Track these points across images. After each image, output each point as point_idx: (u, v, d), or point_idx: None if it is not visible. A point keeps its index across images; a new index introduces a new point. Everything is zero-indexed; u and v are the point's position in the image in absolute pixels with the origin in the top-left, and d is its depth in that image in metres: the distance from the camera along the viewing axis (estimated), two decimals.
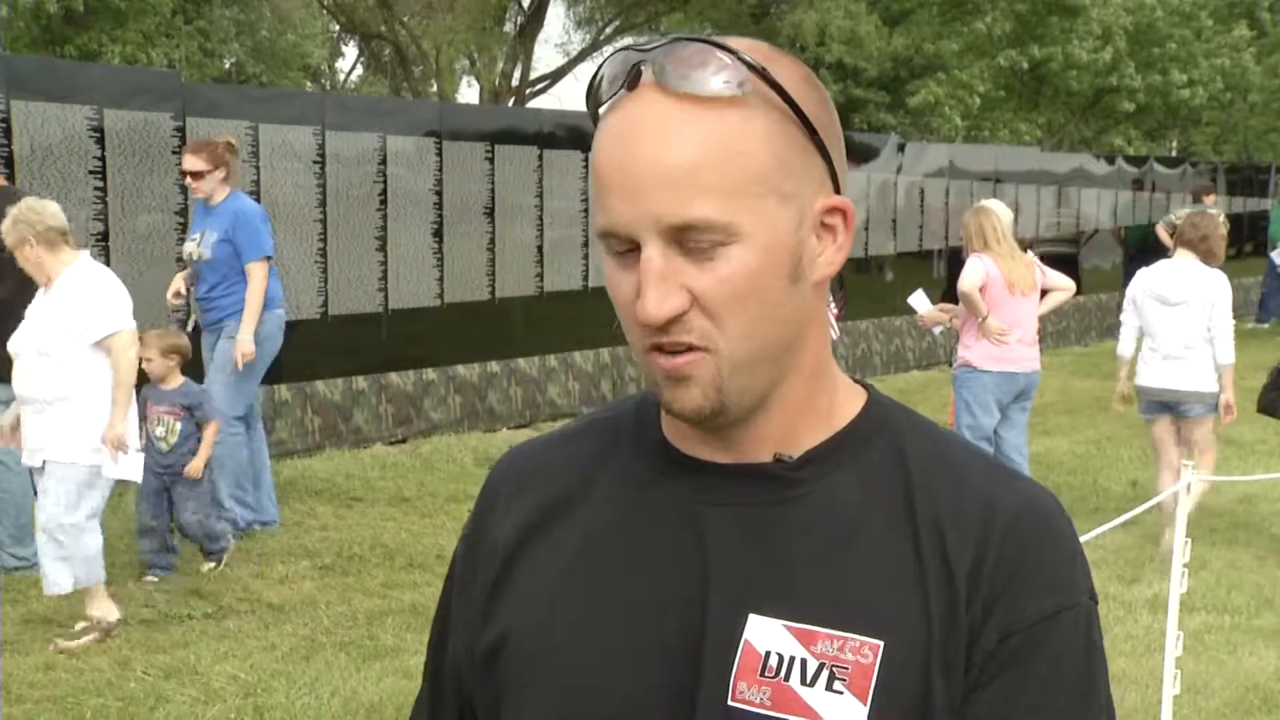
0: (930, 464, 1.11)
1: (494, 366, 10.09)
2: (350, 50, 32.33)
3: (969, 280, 7.02)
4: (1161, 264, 7.20)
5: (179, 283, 7.00)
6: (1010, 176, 15.70)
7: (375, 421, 9.32)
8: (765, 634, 1.05)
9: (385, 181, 9.38)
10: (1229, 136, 29.14)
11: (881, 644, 1.03)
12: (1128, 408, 7.41)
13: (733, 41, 1.06)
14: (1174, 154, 27.70)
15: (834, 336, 7.97)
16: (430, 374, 9.71)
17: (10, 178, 7.25)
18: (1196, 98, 23.61)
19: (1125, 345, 7.29)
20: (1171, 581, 4.50)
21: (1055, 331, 16.11)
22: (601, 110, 1.07)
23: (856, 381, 1.18)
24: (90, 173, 7.70)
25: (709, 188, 1.02)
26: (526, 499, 1.19)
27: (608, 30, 27.47)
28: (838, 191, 1.09)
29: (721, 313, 1.04)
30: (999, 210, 7.26)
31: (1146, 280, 7.16)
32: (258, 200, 8.61)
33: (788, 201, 1.05)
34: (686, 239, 1.03)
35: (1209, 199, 16.30)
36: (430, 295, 9.70)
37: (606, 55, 1.09)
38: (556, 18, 54.41)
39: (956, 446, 1.15)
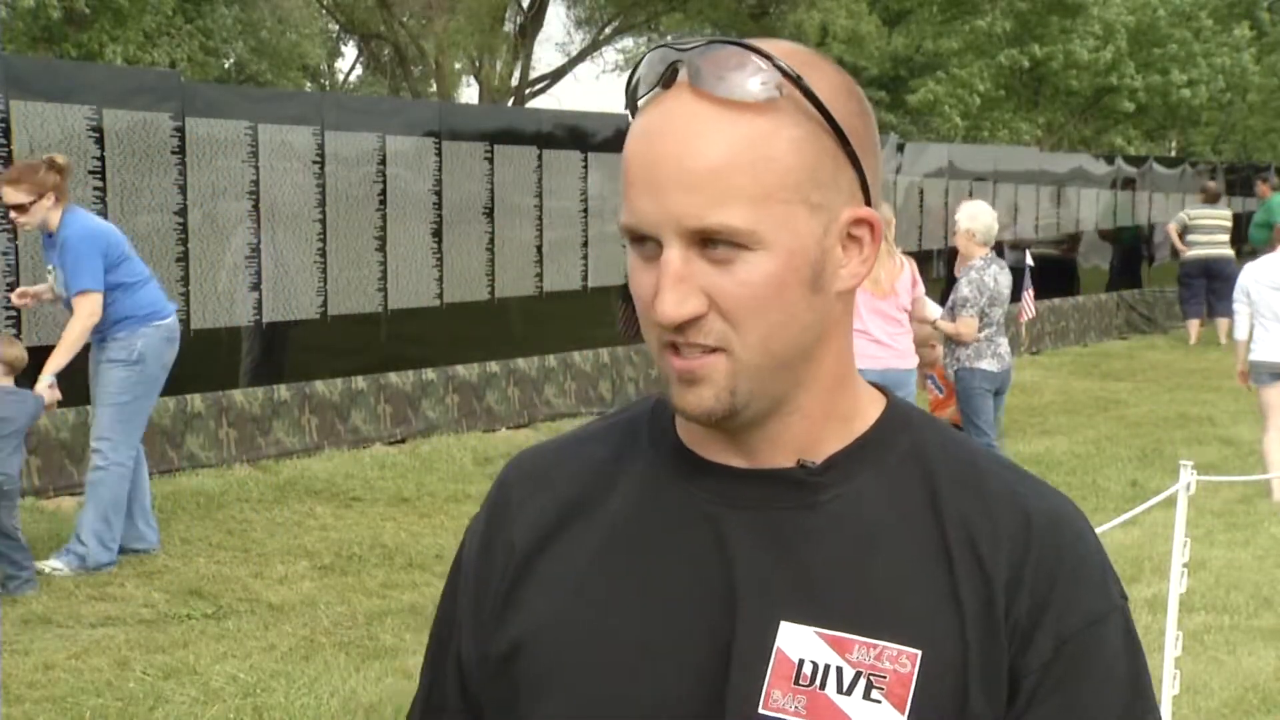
0: (951, 465, 1.10)
1: (493, 366, 10.09)
2: (350, 50, 32.32)
3: None
4: (1268, 257, 8.47)
5: (45, 289, 6.36)
6: (1009, 176, 15.70)
7: (374, 421, 9.32)
8: (797, 641, 1.03)
9: (384, 182, 9.38)
10: (1228, 136, 29.14)
11: (920, 653, 1.02)
12: (1248, 382, 8.51)
13: (771, 46, 1.04)
14: (1173, 154, 27.68)
15: None
16: (429, 374, 9.70)
17: None
18: (1196, 97, 23.61)
19: (1241, 330, 8.50)
20: (1171, 581, 4.50)
21: (1054, 331, 16.10)
22: (638, 107, 1.06)
23: (874, 386, 1.16)
24: (90, 173, 7.70)
25: (734, 192, 1.00)
26: (542, 501, 1.16)
27: (607, 30, 27.49)
28: (868, 203, 1.07)
29: (740, 318, 1.02)
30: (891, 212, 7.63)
31: (1258, 271, 8.43)
32: (256, 200, 8.62)
33: (815, 211, 1.03)
34: (708, 242, 1.01)
35: (1221, 200, 16.40)
36: (429, 295, 9.70)
37: (645, 52, 1.08)
38: (556, 18, 54.41)
39: (972, 447, 1.14)
